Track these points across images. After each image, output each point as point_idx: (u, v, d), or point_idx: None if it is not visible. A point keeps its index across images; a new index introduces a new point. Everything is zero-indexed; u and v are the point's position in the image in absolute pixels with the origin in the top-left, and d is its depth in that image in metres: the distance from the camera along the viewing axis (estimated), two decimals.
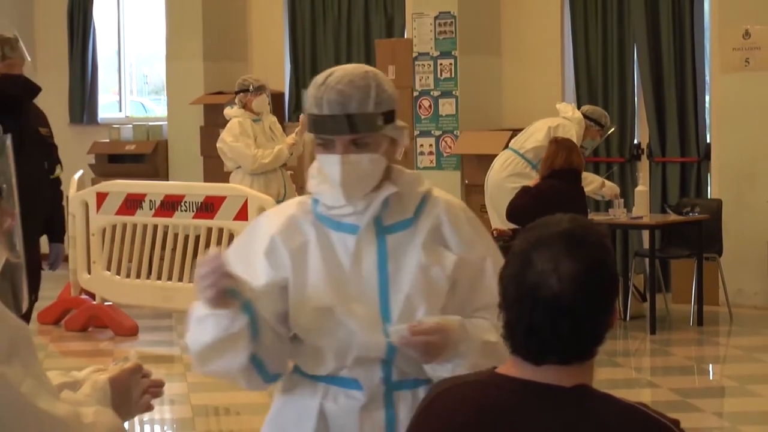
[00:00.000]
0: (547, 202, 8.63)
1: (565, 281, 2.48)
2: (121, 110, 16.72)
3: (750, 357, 9.92)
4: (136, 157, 14.60)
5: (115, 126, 15.25)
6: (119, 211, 11.01)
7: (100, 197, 11.06)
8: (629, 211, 11.10)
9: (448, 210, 3.37)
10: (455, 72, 12.94)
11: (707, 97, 12.31)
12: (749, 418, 8.03)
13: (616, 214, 10.98)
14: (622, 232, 11.69)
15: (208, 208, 10.58)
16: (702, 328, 10.90)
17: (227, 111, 11.67)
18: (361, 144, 3.25)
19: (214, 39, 14.35)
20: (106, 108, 16.53)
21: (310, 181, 3.35)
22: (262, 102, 11.30)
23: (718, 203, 11.50)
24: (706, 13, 12.27)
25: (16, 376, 2.38)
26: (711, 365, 10.10)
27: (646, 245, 11.21)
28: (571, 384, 2.56)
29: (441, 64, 13.02)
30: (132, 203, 11.00)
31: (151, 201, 10.89)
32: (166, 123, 14.96)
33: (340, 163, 3.23)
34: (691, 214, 11.18)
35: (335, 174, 3.24)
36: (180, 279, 10.66)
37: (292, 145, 11.22)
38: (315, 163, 3.35)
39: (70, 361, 9.79)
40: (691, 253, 11.09)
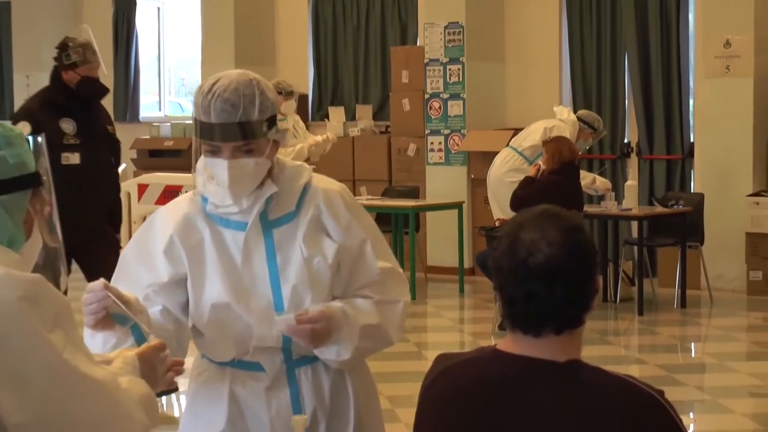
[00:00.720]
0: (547, 195, 8.61)
1: (554, 245, 2.48)
2: (160, 110, 16.77)
3: (729, 336, 9.90)
4: (174, 153, 14.59)
5: (155, 124, 15.28)
6: (158, 201, 11.00)
7: (141, 188, 11.08)
8: (620, 203, 11.10)
9: (326, 198, 3.25)
10: (463, 76, 12.92)
11: (691, 101, 12.28)
12: (728, 392, 8.01)
13: (607, 206, 10.99)
14: (613, 223, 11.66)
15: None
16: (685, 310, 10.87)
17: None
18: (247, 149, 3.12)
19: (244, 45, 14.35)
20: (147, 107, 16.58)
21: (197, 179, 3.23)
22: (290, 106, 11.27)
23: (701, 197, 11.47)
24: (691, 24, 12.24)
25: (59, 343, 2.40)
26: (693, 344, 10.07)
27: (635, 234, 11.20)
28: (564, 359, 2.55)
29: (450, 70, 13.00)
30: (170, 194, 11.00)
31: (186, 192, 10.90)
32: None
33: (228, 167, 3.11)
34: (676, 207, 11.17)
35: (223, 177, 3.12)
36: None
37: (313, 145, 11.21)
38: (201, 161, 3.22)
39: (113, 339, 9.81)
40: (676, 241, 11.06)
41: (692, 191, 11.96)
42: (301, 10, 14.54)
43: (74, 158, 7.25)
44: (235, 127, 3.09)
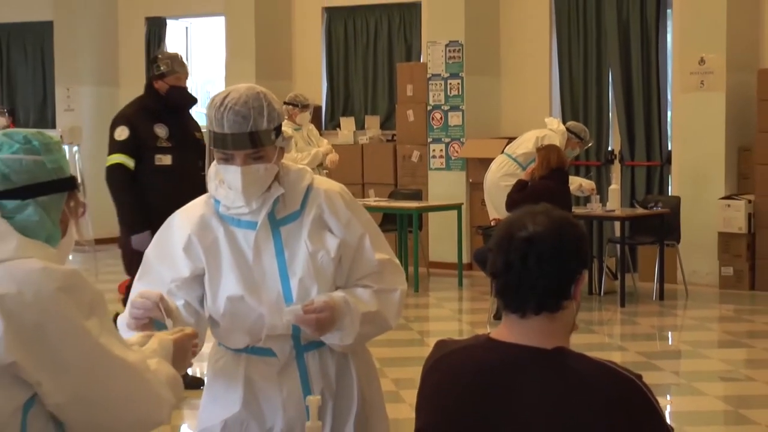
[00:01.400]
0: (539, 197, 8.58)
1: (539, 225, 2.52)
2: None
3: (702, 326, 9.89)
4: None
5: None
6: None
7: None
8: (604, 205, 11.09)
9: (327, 198, 3.26)
10: (462, 90, 12.92)
11: (669, 113, 12.26)
12: (701, 376, 8.01)
13: (593, 208, 10.98)
14: (598, 223, 11.66)
15: None
16: (663, 302, 10.87)
17: None
18: (257, 156, 3.14)
19: (264, 61, 14.34)
20: None
21: (209, 184, 3.25)
22: (305, 117, 11.27)
23: (677, 200, 11.46)
24: (669, 43, 12.23)
25: (95, 330, 2.43)
26: (670, 332, 10.07)
27: (618, 234, 11.18)
28: (551, 346, 2.56)
29: (450, 84, 12.99)
30: None
31: None
32: None
33: (241, 173, 3.13)
34: (655, 209, 11.15)
35: (237, 183, 3.14)
36: None
37: (326, 153, 11.23)
38: (212, 168, 3.24)
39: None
40: (655, 240, 11.05)
41: (669, 194, 11.95)
42: (316, 30, 14.54)
43: (166, 159, 7.17)
44: (247, 137, 3.11)
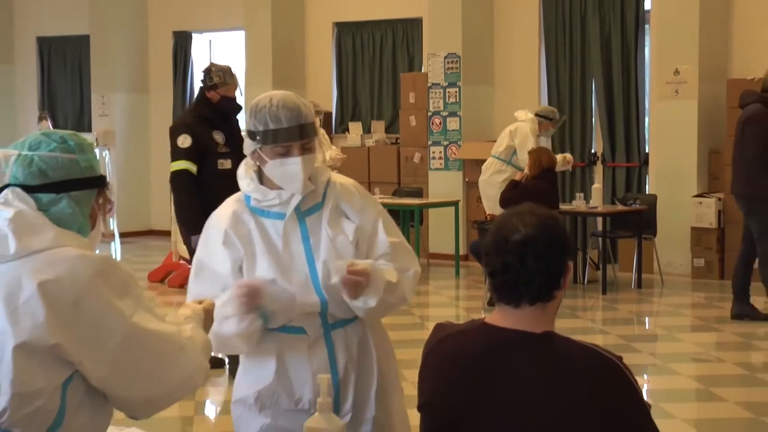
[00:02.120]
0: (530, 196, 8.59)
1: (530, 227, 2.51)
2: None
3: (676, 312, 9.89)
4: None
5: None
6: None
7: None
8: (588, 202, 11.09)
9: (343, 190, 3.32)
10: (459, 97, 12.91)
11: (646, 118, 12.25)
12: (675, 358, 8.01)
13: (578, 205, 10.97)
14: (582, 218, 11.65)
15: None
16: (641, 290, 10.86)
17: None
18: (307, 147, 3.22)
19: (280, 71, 14.34)
20: None
21: (241, 182, 3.30)
22: (316, 123, 11.27)
23: (654, 197, 11.46)
24: (647, 56, 12.21)
25: (128, 309, 2.45)
26: (647, 318, 10.06)
27: (600, 228, 11.19)
28: (540, 330, 2.56)
29: (449, 92, 12.99)
30: None
31: None
32: (245, 134, 14.94)
33: (301, 162, 3.19)
34: (633, 205, 11.15)
35: (297, 171, 3.20)
36: None
37: (335, 157, 11.28)
38: (242, 169, 3.32)
39: (171, 310, 9.82)
40: (633, 234, 11.04)
41: (647, 193, 11.93)
42: (327, 43, 14.54)
43: (227, 164, 7.08)
44: (302, 128, 3.21)
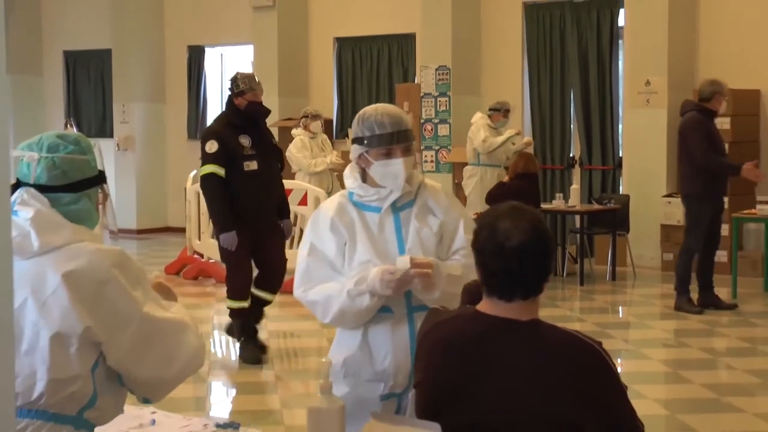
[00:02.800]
0: (513, 195, 8.63)
1: (525, 232, 2.50)
2: None
3: (647, 302, 9.90)
4: None
5: None
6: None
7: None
8: (567, 202, 11.11)
9: (432, 191, 3.49)
10: (449, 106, 12.92)
11: (620, 125, 12.26)
12: (646, 344, 8.02)
13: (557, 204, 10.99)
14: (561, 216, 11.64)
15: None
16: (615, 282, 10.87)
17: (293, 131, 11.68)
18: (407, 149, 3.37)
19: (285, 81, 14.34)
20: None
21: (346, 181, 3.46)
22: (317, 125, 11.35)
23: (627, 197, 11.47)
24: (620, 68, 12.22)
25: (141, 298, 2.54)
26: (620, 307, 10.07)
27: (578, 225, 11.20)
28: (527, 318, 2.56)
29: (439, 101, 12.99)
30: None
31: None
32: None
33: (404, 163, 3.34)
34: (608, 205, 11.16)
35: (400, 171, 3.35)
36: None
37: (335, 161, 11.30)
38: (348, 170, 3.46)
39: (187, 300, 9.81)
40: (608, 230, 11.06)
41: (621, 193, 11.95)
42: (328, 56, 14.53)
43: (253, 165, 7.05)
44: (404, 134, 3.37)
